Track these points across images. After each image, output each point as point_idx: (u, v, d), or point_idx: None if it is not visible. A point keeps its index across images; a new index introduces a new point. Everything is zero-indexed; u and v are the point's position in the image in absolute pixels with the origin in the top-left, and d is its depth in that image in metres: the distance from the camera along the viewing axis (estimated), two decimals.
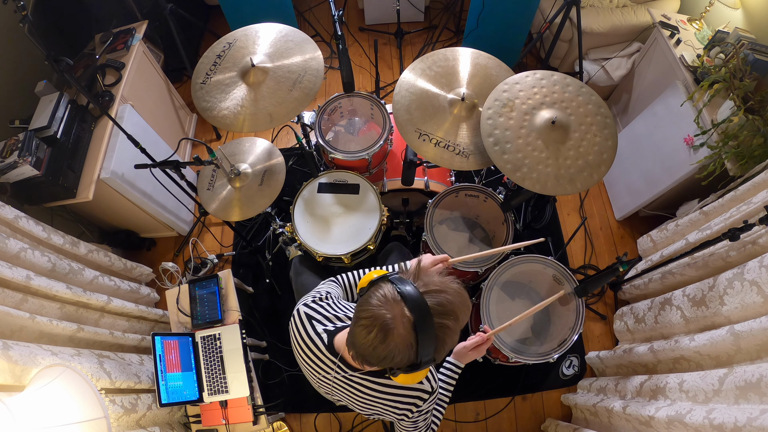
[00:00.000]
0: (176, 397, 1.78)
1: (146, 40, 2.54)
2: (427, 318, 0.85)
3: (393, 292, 0.86)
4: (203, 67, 1.74)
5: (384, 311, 0.85)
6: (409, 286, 0.87)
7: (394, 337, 0.84)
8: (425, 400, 1.07)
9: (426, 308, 0.85)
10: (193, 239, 2.69)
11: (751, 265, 1.44)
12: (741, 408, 1.20)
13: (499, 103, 1.58)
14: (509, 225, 1.92)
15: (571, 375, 2.31)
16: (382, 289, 0.88)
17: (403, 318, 0.84)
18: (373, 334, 0.85)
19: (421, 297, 0.86)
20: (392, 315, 0.84)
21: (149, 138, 2.36)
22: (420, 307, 0.85)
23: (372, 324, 0.85)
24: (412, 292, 0.86)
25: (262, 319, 2.45)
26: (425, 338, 0.85)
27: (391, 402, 1.07)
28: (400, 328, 0.84)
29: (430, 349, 0.86)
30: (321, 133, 2.05)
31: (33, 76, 2.07)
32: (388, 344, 0.85)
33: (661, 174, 2.28)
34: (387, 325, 0.84)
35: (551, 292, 1.92)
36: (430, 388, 1.07)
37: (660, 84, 2.39)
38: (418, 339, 0.85)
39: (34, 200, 1.98)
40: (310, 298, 1.16)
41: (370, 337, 0.85)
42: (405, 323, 0.84)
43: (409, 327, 0.84)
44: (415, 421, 1.12)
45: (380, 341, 0.85)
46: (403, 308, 0.85)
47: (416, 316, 0.84)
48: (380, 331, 0.84)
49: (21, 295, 1.57)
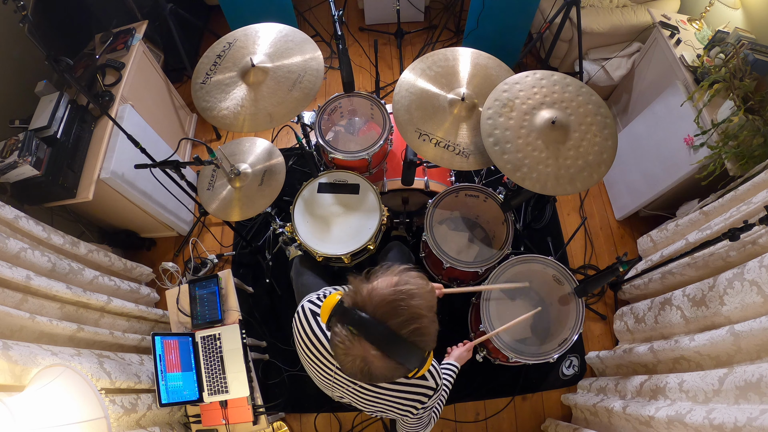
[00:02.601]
0: (176, 397, 1.78)
1: (146, 40, 2.54)
2: (394, 339, 0.83)
3: (348, 333, 0.84)
4: (203, 67, 1.74)
5: (353, 353, 0.85)
6: (361, 314, 0.84)
7: (378, 368, 0.85)
8: (430, 396, 1.07)
9: (387, 332, 0.83)
10: (193, 239, 2.69)
11: (751, 265, 1.44)
12: (741, 408, 1.20)
13: (499, 103, 1.58)
14: (509, 225, 1.92)
15: (571, 375, 2.31)
16: (338, 334, 0.85)
17: (372, 353, 0.83)
18: (359, 373, 0.86)
19: (377, 323, 0.83)
20: (362, 354, 0.84)
21: (149, 138, 2.36)
22: (381, 335, 0.82)
23: (353, 364, 0.86)
24: (367, 324, 0.83)
25: (262, 319, 2.45)
26: (405, 354, 0.84)
27: (395, 400, 1.07)
28: (376, 361, 0.84)
29: (415, 356, 0.86)
30: (321, 133, 2.05)
31: (33, 76, 2.07)
32: (376, 374, 0.86)
33: (661, 174, 2.28)
34: (366, 361, 0.84)
35: (551, 292, 1.93)
36: (434, 384, 1.07)
37: (660, 84, 2.39)
38: (398, 360, 0.85)
39: (34, 200, 1.97)
40: (315, 295, 1.16)
41: (358, 375, 0.87)
42: (376, 356, 0.84)
43: (382, 356, 0.84)
44: (420, 417, 1.12)
45: (368, 375, 0.86)
46: (365, 346, 0.83)
47: (382, 346, 0.83)
48: (362, 368, 0.85)
49: (21, 295, 1.57)
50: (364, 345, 0.83)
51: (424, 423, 1.19)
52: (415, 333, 0.84)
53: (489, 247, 2.07)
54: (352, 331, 0.83)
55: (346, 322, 0.85)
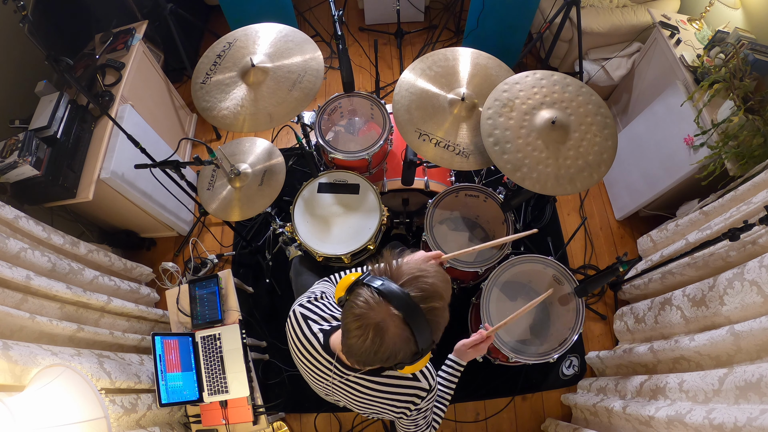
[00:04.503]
0: (176, 397, 1.78)
1: (146, 40, 2.54)
2: (414, 308, 0.85)
3: (373, 294, 0.86)
4: (203, 67, 1.74)
5: (371, 316, 0.84)
6: (386, 282, 0.87)
7: (391, 336, 0.85)
8: (423, 398, 1.07)
9: (410, 299, 0.85)
10: (193, 239, 2.69)
11: (751, 265, 1.44)
12: (741, 408, 1.20)
13: (499, 103, 1.58)
14: (509, 225, 1.92)
15: (571, 375, 2.31)
16: (362, 294, 0.87)
17: (392, 316, 0.84)
18: (369, 341, 0.85)
19: (402, 290, 0.86)
20: (381, 317, 0.84)
21: (149, 138, 2.36)
22: (404, 300, 0.85)
23: (365, 331, 0.85)
24: (392, 288, 0.86)
25: (262, 319, 2.45)
26: (419, 327, 0.85)
27: (388, 400, 1.07)
28: (392, 326, 0.84)
29: (427, 335, 0.87)
30: (321, 133, 2.05)
31: (33, 76, 2.07)
32: (386, 345, 0.85)
33: (661, 174, 2.28)
34: (380, 328, 0.84)
35: (552, 293, 1.93)
36: (428, 386, 1.07)
37: (660, 84, 2.39)
38: (412, 331, 0.85)
39: (34, 200, 1.98)
40: (305, 298, 1.16)
41: (366, 344, 0.85)
42: (395, 321, 0.84)
43: (401, 323, 0.84)
44: (415, 419, 1.12)
45: (379, 345, 0.85)
46: (388, 307, 0.84)
47: (403, 310, 0.84)
48: (375, 335, 0.84)
49: (21, 295, 1.57)
50: (387, 307, 0.84)
51: (422, 427, 1.18)
52: (433, 312, 0.87)
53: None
54: (379, 291, 0.85)
55: (373, 286, 0.87)
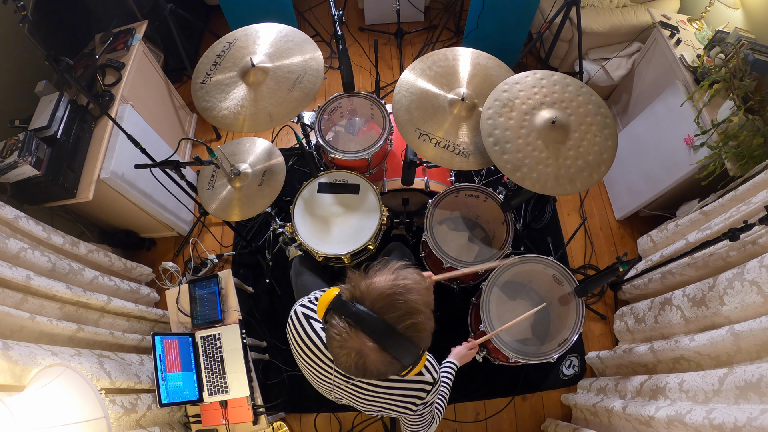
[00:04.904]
0: (176, 397, 1.78)
1: (146, 40, 2.54)
2: (390, 332, 0.83)
3: (345, 325, 0.84)
4: (203, 67, 1.74)
5: (350, 344, 0.84)
6: (359, 307, 0.84)
7: (373, 362, 0.85)
8: (428, 391, 1.07)
9: (384, 326, 0.83)
10: (193, 239, 2.69)
11: (751, 265, 1.44)
12: (741, 408, 1.20)
13: (499, 103, 1.58)
14: (509, 225, 1.92)
15: (571, 375, 2.31)
16: (335, 325, 0.85)
17: (368, 346, 0.84)
18: (353, 367, 0.86)
19: (374, 317, 0.83)
20: (357, 346, 0.84)
21: (149, 138, 2.36)
22: (377, 327, 0.83)
23: (348, 356, 0.85)
24: (364, 316, 0.83)
25: (262, 319, 2.45)
26: (398, 350, 0.85)
27: (393, 398, 1.07)
28: (371, 354, 0.84)
29: (410, 352, 0.86)
30: (321, 133, 2.05)
31: (33, 76, 2.07)
32: (370, 369, 0.86)
33: (661, 174, 2.28)
34: (360, 355, 0.84)
35: (551, 292, 1.93)
36: (432, 379, 1.07)
37: (660, 84, 2.39)
38: (394, 355, 0.85)
39: (34, 200, 1.97)
40: (306, 299, 1.16)
41: (352, 369, 0.87)
42: (372, 349, 0.84)
43: (378, 349, 0.84)
44: (421, 414, 1.12)
45: (363, 369, 0.86)
46: (362, 338, 0.83)
47: (377, 338, 0.83)
48: (357, 361, 0.85)
49: (21, 295, 1.57)
50: (361, 337, 0.83)
51: (427, 421, 1.18)
52: (412, 328, 0.85)
53: (489, 247, 2.07)
54: (350, 323, 0.84)
55: (344, 315, 0.85)
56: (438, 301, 0.93)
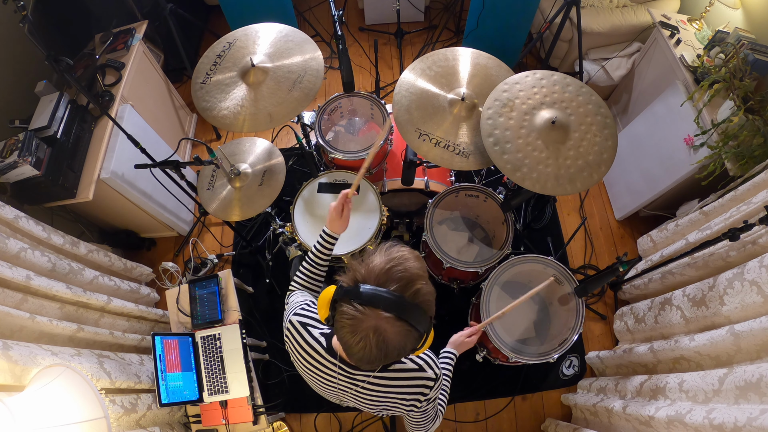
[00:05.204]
0: (176, 397, 1.78)
1: (146, 40, 2.54)
2: (401, 300, 0.85)
3: (356, 306, 0.85)
4: (203, 67, 1.74)
5: (365, 325, 0.84)
6: (364, 287, 0.86)
7: (392, 336, 0.85)
8: (431, 387, 1.08)
9: (393, 296, 0.85)
10: (193, 239, 2.69)
11: (751, 265, 1.44)
12: (741, 408, 1.20)
13: (499, 103, 1.58)
14: (509, 225, 1.92)
15: (571, 375, 2.31)
16: (346, 311, 0.86)
17: (384, 319, 0.84)
18: (375, 348, 0.86)
19: (381, 289, 0.85)
20: (374, 323, 0.84)
21: (149, 138, 2.36)
22: (387, 298, 0.85)
23: (366, 341, 0.85)
24: (371, 292, 0.85)
25: (262, 319, 2.45)
26: (413, 316, 0.86)
27: (398, 395, 1.08)
28: (389, 327, 0.84)
29: (423, 318, 0.88)
30: (321, 133, 2.05)
31: (33, 76, 2.07)
32: (392, 344, 0.86)
33: (661, 174, 2.28)
34: (379, 332, 0.84)
35: (551, 292, 1.93)
36: (434, 375, 1.08)
37: (660, 84, 2.39)
38: (409, 322, 0.86)
39: (34, 200, 1.98)
40: (298, 307, 1.15)
41: (373, 351, 0.86)
42: (390, 321, 0.84)
43: (395, 321, 0.84)
44: (425, 410, 1.12)
45: (384, 348, 0.86)
46: (376, 312, 0.84)
47: (392, 308, 0.84)
48: (377, 341, 0.85)
49: (21, 295, 1.57)
50: (375, 312, 0.84)
51: (431, 417, 1.18)
52: (417, 294, 0.87)
53: (489, 247, 2.07)
54: (361, 302, 0.85)
55: (352, 299, 0.86)
56: (438, 301, 0.94)
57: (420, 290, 0.87)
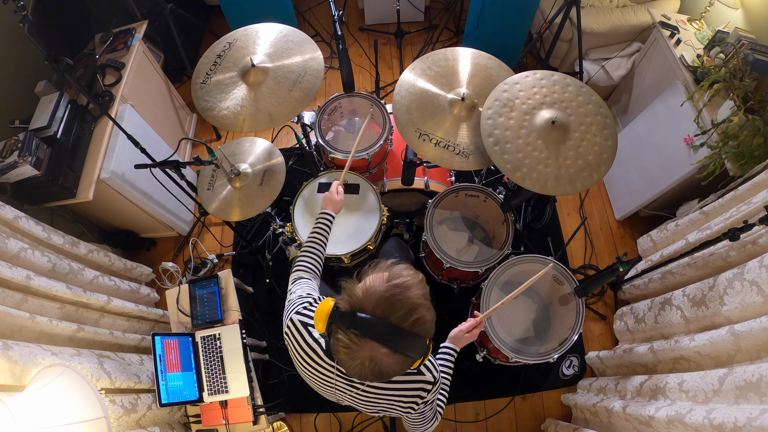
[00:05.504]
0: (176, 397, 1.78)
1: (146, 40, 2.54)
2: (398, 332, 0.83)
3: (352, 337, 0.84)
4: (203, 67, 1.74)
5: (360, 355, 0.84)
6: (361, 316, 0.83)
7: (387, 365, 0.85)
8: (429, 390, 1.08)
9: (390, 328, 0.83)
10: (193, 239, 2.69)
11: (751, 265, 1.44)
12: (741, 408, 1.20)
13: (499, 103, 1.58)
14: (509, 225, 1.92)
15: (571, 375, 2.31)
16: (341, 339, 0.85)
17: (380, 351, 0.83)
18: (370, 373, 0.86)
19: (379, 321, 0.83)
20: (369, 354, 0.84)
21: (149, 138, 2.36)
22: (385, 332, 0.83)
23: (362, 367, 0.85)
24: (369, 324, 0.83)
25: (262, 319, 2.45)
26: (409, 347, 0.85)
27: (396, 397, 1.08)
28: (384, 359, 0.84)
29: (419, 345, 0.86)
30: (321, 133, 2.05)
31: (33, 76, 2.07)
32: (386, 371, 0.86)
33: (661, 174, 2.28)
34: (374, 362, 0.84)
35: (551, 292, 1.93)
36: (432, 379, 1.07)
37: (660, 84, 2.39)
38: (407, 353, 0.85)
39: (34, 200, 1.98)
40: (300, 306, 1.14)
41: (369, 374, 0.86)
42: (385, 353, 0.84)
43: (390, 353, 0.84)
44: (422, 412, 1.12)
45: (379, 371, 0.86)
46: (372, 345, 0.83)
47: (387, 342, 0.83)
48: (372, 368, 0.85)
49: (21, 295, 1.57)
50: (371, 344, 0.83)
51: (429, 418, 1.18)
52: (417, 323, 0.85)
53: (489, 247, 2.07)
54: (356, 333, 0.83)
55: (347, 326, 0.84)
56: (438, 301, 0.94)
57: (419, 320, 0.85)
